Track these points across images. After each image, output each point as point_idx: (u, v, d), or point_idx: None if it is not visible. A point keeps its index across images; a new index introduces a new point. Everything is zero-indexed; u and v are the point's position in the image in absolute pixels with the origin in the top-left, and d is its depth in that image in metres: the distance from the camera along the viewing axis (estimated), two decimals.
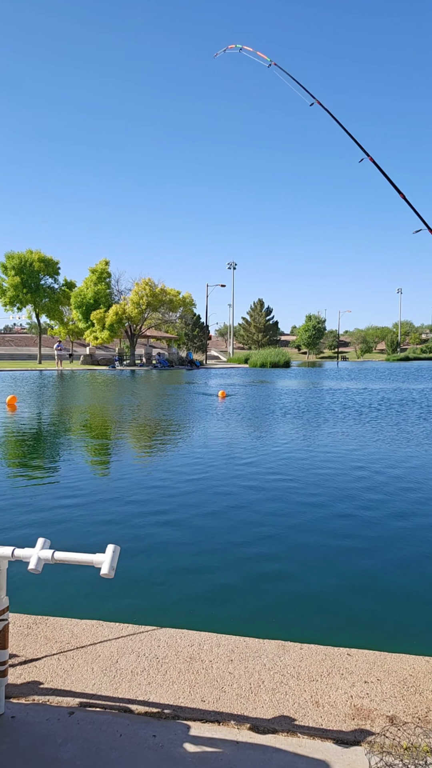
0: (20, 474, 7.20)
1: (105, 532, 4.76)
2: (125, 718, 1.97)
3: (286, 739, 1.88)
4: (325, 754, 1.80)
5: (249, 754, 1.80)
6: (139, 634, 2.57)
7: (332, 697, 2.11)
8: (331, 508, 5.49)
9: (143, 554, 4.25)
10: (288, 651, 2.45)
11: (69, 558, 1.77)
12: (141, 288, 48.13)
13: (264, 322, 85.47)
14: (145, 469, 7.58)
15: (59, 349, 39.43)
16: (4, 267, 46.45)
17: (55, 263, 48.87)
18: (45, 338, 56.28)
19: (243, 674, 2.26)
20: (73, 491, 6.14)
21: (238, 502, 5.72)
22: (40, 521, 5.04)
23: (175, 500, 5.79)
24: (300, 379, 31.00)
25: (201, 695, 2.11)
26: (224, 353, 78.93)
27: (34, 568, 1.75)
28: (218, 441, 9.76)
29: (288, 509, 5.47)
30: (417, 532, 4.80)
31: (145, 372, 39.62)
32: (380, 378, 32.41)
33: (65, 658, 2.35)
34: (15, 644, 2.44)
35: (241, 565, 4.05)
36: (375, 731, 1.91)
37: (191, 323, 62.04)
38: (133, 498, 5.86)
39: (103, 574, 1.69)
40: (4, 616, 1.92)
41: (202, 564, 4.08)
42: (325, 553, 4.30)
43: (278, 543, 4.52)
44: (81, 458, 8.31)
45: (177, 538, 4.62)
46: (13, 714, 1.97)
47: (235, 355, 67.31)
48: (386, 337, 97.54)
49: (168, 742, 1.84)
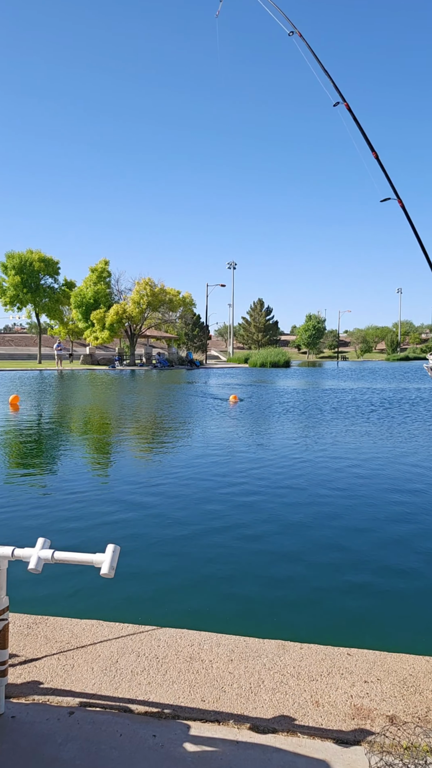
0: (20, 474, 7.20)
1: (105, 531, 4.76)
2: (125, 718, 1.97)
3: (286, 739, 1.88)
4: (325, 754, 1.80)
5: (249, 753, 1.80)
6: (139, 634, 2.57)
7: (332, 697, 2.11)
8: (332, 509, 5.49)
9: (143, 554, 4.25)
10: (288, 651, 2.45)
11: (69, 558, 1.77)
12: (141, 287, 48.13)
13: (264, 322, 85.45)
14: (145, 469, 7.58)
15: (59, 348, 39.42)
16: (4, 267, 46.44)
17: (55, 263, 48.86)
18: (45, 338, 56.25)
19: (243, 674, 2.26)
20: (73, 491, 6.14)
21: (239, 502, 5.72)
22: (40, 521, 5.04)
23: (176, 500, 5.79)
24: (302, 379, 31.00)
25: (201, 695, 2.11)
26: (224, 353, 78.93)
27: (34, 567, 1.75)
28: (219, 443, 9.76)
29: (288, 510, 5.47)
30: (418, 532, 4.80)
31: (145, 372, 39.61)
32: (384, 378, 32.41)
33: (65, 658, 2.35)
34: (15, 644, 2.44)
35: (241, 565, 4.05)
36: (375, 731, 1.91)
37: (191, 323, 62.00)
38: (133, 498, 5.86)
39: (103, 573, 1.69)
40: (4, 616, 1.92)
41: (202, 564, 4.08)
42: (325, 553, 4.30)
43: (278, 543, 4.52)
44: (81, 458, 8.31)
45: (177, 538, 4.62)
46: (13, 714, 1.97)
47: (235, 355, 67.30)
48: (386, 336, 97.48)
49: (168, 742, 1.84)
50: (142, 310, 48.20)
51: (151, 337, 54.24)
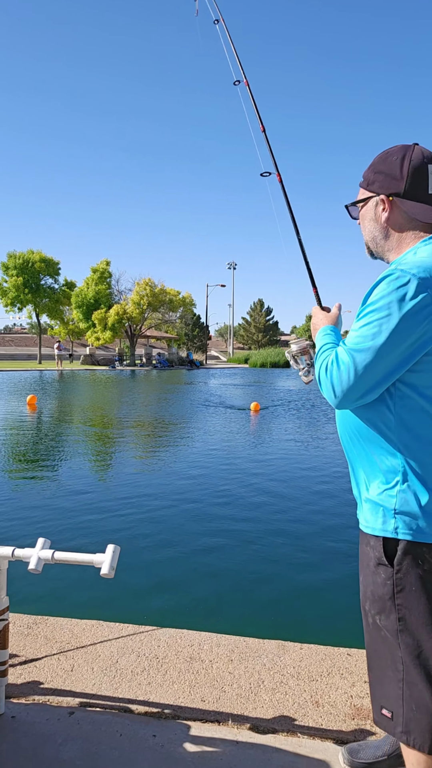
0: (21, 474, 7.20)
1: (105, 531, 4.76)
2: (125, 718, 1.97)
3: (286, 739, 1.88)
4: (325, 754, 1.80)
5: (249, 754, 1.80)
6: (139, 634, 2.57)
7: (332, 697, 2.11)
8: (332, 509, 5.49)
9: (143, 554, 4.25)
10: (288, 651, 2.45)
11: (69, 558, 1.77)
12: (142, 288, 48.13)
13: (264, 322, 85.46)
14: (146, 470, 7.58)
15: (59, 349, 39.41)
16: (5, 267, 46.45)
17: (56, 263, 48.88)
18: (45, 338, 56.24)
19: (243, 674, 2.26)
20: (73, 491, 6.14)
21: (239, 503, 5.72)
22: (40, 521, 5.05)
23: (176, 501, 5.79)
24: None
25: (201, 695, 2.11)
26: (224, 353, 78.89)
27: (34, 568, 1.75)
28: (220, 444, 9.76)
29: (289, 510, 5.47)
30: None
31: (145, 372, 39.61)
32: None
33: (65, 658, 2.35)
34: (15, 644, 2.44)
35: (241, 565, 4.06)
36: (375, 731, 1.91)
37: (191, 323, 62.00)
38: (133, 498, 5.86)
39: (103, 574, 1.69)
40: (4, 616, 1.92)
41: (202, 564, 4.08)
42: (325, 553, 4.30)
43: (279, 543, 4.52)
44: (82, 458, 8.31)
45: (177, 538, 4.62)
46: (13, 714, 1.97)
47: (235, 355, 67.26)
48: None
49: (168, 742, 1.84)
50: (143, 311, 48.21)
51: (151, 338, 54.24)
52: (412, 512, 1.33)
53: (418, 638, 1.33)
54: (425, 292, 1.26)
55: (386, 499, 1.37)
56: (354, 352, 1.30)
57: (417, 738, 1.34)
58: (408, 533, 1.33)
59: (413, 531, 1.33)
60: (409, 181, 1.43)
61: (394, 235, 1.49)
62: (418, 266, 1.30)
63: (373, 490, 1.41)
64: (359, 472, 1.47)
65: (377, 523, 1.39)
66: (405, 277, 1.27)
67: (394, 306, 1.26)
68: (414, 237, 1.46)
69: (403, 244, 1.48)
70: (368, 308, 1.32)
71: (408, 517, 1.33)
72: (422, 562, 1.33)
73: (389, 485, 1.37)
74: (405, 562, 1.34)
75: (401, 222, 1.47)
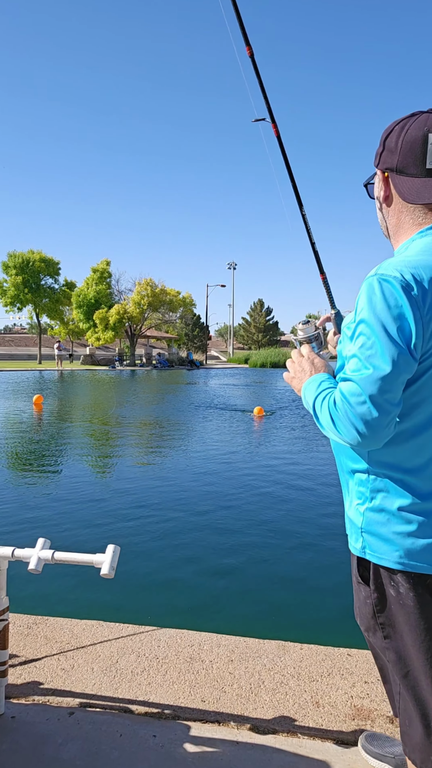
0: (21, 474, 7.20)
1: (105, 532, 4.76)
2: (125, 718, 1.97)
3: (286, 740, 1.87)
4: (325, 755, 1.80)
5: (249, 754, 1.80)
6: (139, 634, 2.57)
7: (332, 698, 2.11)
8: (333, 511, 5.49)
9: (144, 554, 4.25)
10: (288, 651, 2.45)
11: (69, 558, 1.77)
12: (142, 288, 48.14)
13: (264, 322, 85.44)
14: (147, 470, 7.58)
15: (59, 349, 39.40)
16: (6, 266, 46.46)
17: (56, 263, 48.89)
18: (45, 338, 56.25)
19: (243, 674, 2.25)
20: (73, 491, 6.14)
21: (240, 503, 5.72)
22: (40, 521, 5.05)
23: (177, 501, 5.79)
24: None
25: (201, 695, 2.11)
26: (224, 353, 78.89)
27: (34, 568, 1.75)
28: (222, 447, 9.76)
29: (289, 511, 5.47)
30: None
31: (145, 372, 39.61)
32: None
33: (65, 658, 2.35)
34: (15, 644, 2.44)
35: (241, 565, 4.05)
36: (375, 731, 1.91)
37: (191, 323, 61.98)
38: (133, 498, 5.86)
39: (103, 574, 1.69)
40: (4, 616, 1.92)
41: (202, 564, 4.08)
42: (325, 553, 4.30)
43: (279, 544, 4.52)
44: (82, 458, 8.31)
45: (177, 538, 4.62)
46: (13, 714, 1.97)
47: (235, 355, 67.22)
48: None
49: (168, 742, 1.84)
50: (143, 311, 48.21)
51: (151, 338, 54.23)
52: (376, 533, 1.25)
53: (404, 659, 1.27)
54: (407, 294, 1.10)
55: (356, 516, 1.30)
56: (360, 376, 1.12)
57: (409, 751, 1.33)
58: (373, 555, 1.26)
59: (377, 554, 1.25)
60: (402, 153, 1.22)
61: (392, 219, 1.31)
62: (405, 265, 1.14)
63: (349, 505, 1.35)
64: (343, 485, 1.40)
65: (352, 540, 1.33)
66: (385, 285, 1.12)
67: (382, 316, 1.11)
68: (412, 223, 1.27)
69: (401, 231, 1.30)
70: (357, 328, 1.16)
71: (373, 537, 1.25)
72: (395, 584, 1.24)
73: (359, 501, 1.29)
74: (378, 583, 1.27)
75: (397, 203, 1.28)
